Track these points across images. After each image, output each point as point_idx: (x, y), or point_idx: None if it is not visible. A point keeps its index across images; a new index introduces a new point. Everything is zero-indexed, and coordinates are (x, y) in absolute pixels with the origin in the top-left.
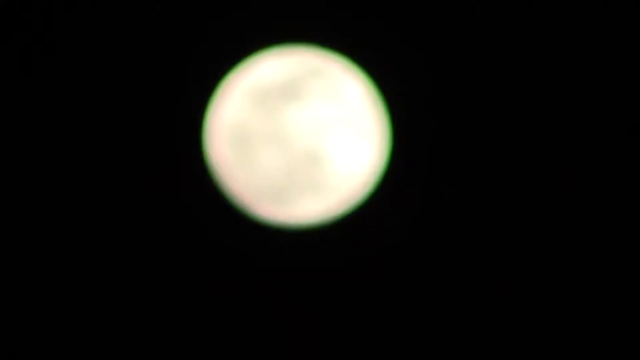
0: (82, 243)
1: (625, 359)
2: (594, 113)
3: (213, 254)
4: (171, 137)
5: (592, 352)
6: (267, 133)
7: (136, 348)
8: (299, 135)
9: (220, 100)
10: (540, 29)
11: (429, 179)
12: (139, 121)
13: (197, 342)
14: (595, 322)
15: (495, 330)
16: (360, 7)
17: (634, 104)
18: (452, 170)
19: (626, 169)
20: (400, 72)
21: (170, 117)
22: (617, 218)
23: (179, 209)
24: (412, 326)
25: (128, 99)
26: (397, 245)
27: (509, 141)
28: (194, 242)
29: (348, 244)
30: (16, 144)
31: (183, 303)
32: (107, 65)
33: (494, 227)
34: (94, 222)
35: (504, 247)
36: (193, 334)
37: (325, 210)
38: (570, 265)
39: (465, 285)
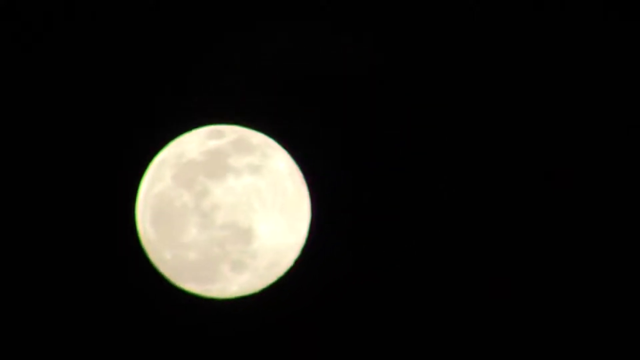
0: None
1: (624, 359)
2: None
3: (142, 326)
4: (100, 214)
5: (574, 352)
6: (191, 209)
7: None
8: (223, 210)
9: (147, 177)
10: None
11: (351, 251)
12: (68, 200)
13: None
14: (574, 322)
15: None
16: (283, 88)
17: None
18: (374, 243)
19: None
20: (322, 149)
21: (99, 195)
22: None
23: (108, 284)
24: None
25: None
26: (320, 314)
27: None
28: (122, 314)
29: (273, 314)
30: None
31: None
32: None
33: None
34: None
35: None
36: None
37: (249, 284)
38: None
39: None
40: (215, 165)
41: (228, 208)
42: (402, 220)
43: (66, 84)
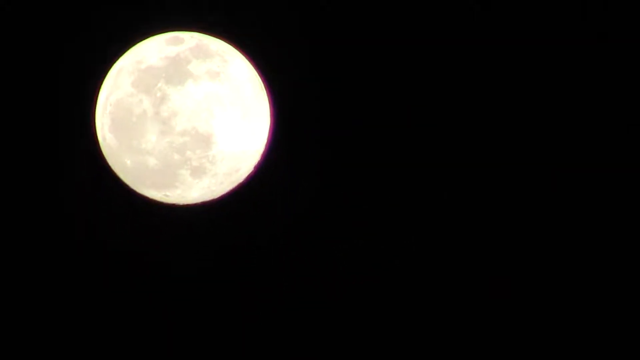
0: None
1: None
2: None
3: (102, 232)
4: (60, 122)
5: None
6: (151, 115)
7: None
8: (183, 116)
9: (106, 84)
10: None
11: (311, 158)
12: (26, 107)
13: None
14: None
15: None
16: None
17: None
18: (334, 151)
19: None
20: (283, 54)
21: (58, 103)
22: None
23: (68, 191)
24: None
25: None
26: (278, 224)
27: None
28: (83, 221)
29: (232, 220)
30: None
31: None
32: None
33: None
34: None
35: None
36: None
37: (209, 190)
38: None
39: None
40: (175, 71)
41: (187, 114)
42: (362, 126)
43: None
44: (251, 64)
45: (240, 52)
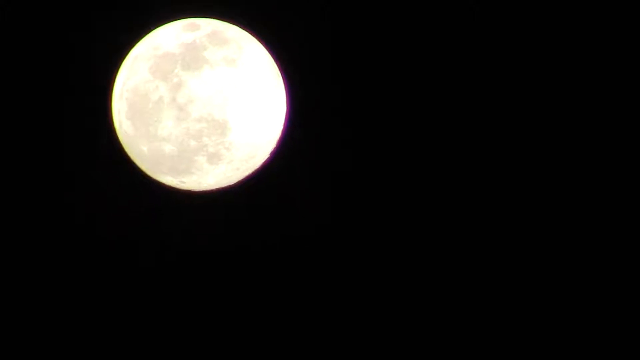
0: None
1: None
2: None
3: (119, 218)
4: (75, 109)
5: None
6: (167, 102)
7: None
8: (199, 103)
9: (122, 71)
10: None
11: (326, 146)
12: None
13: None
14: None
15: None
16: None
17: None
18: (349, 139)
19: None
20: (299, 41)
21: (75, 90)
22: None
23: (85, 177)
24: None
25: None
26: (295, 213)
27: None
28: (100, 207)
29: (249, 206)
30: None
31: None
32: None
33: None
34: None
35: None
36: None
37: (225, 176)
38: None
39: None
40: (191, 57)
41: (204, 101)
42: (378, 112)
43: None
44: (267, 50)
45: (256, 38)
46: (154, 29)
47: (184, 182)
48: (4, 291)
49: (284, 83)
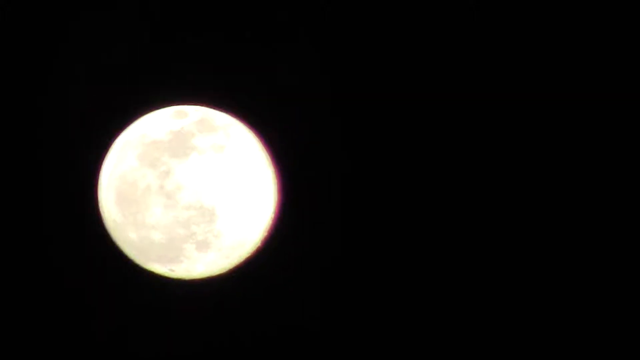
0: None
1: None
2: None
3: (107, 306)
4: (64, 196)
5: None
6: (156, 189)
7: None
8: (188, 190)
9: (110, 158)
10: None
11: (316, 231)
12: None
13: None
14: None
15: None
16: (247, 68)
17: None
18: (339, 221)
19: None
20: (288, 127)
21: (62, 177)
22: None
23: (72, 265)
24: None
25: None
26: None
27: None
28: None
29: (239, 294)
30: None
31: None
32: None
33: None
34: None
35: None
36: None
37: (214, 263)
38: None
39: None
40: (180, 145)
41: (192, 188)
42: (366, 198)
43: (29, 61)
44: (256, 137)
45: (245, 125)
46: (142, 115)
47: (173, 270)
48: None
49: (273, 169)
